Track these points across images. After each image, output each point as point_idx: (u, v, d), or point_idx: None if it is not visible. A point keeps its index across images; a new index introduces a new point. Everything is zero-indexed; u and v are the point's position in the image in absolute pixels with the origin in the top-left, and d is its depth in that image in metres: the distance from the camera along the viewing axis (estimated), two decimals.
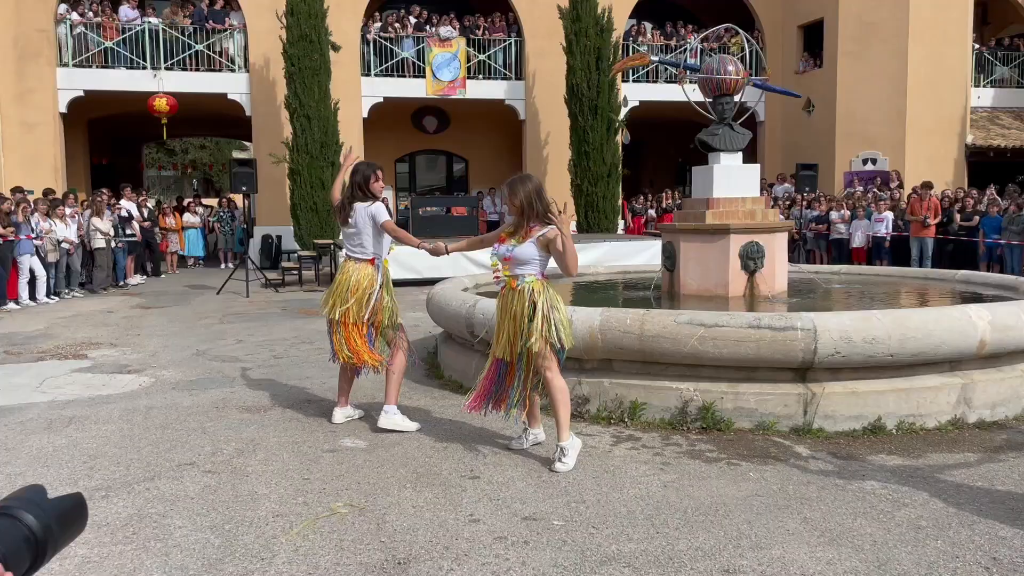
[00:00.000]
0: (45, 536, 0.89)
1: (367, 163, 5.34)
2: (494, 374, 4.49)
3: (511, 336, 4.35)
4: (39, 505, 0.90)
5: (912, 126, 18.97)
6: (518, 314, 4.32)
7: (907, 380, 5.08)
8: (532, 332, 4.24)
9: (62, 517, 0.92)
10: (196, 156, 39.25)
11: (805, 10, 20.55)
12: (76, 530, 0.94)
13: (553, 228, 4.26)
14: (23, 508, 0.89)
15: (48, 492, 0.93)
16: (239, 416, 5.56)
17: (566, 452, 4.31)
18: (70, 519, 0.93)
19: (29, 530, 0.88)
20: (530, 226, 4.35)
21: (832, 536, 3.44)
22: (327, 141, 16.99)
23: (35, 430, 5.28)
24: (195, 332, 9.51)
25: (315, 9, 16.76)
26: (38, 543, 0.88)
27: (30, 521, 0.88)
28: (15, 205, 12.28)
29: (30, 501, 0.90)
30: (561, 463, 4.28)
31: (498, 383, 4.48)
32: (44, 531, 0.89)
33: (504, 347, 4.39)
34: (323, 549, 3.38)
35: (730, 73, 7.17)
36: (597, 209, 18.57)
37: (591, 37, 18.08)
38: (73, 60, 18.02)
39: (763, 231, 6.95)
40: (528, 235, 4.34)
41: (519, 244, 4.35)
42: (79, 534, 0.96)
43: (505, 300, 4.43)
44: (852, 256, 15.54)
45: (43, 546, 0.89)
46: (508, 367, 4.43)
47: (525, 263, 4.34)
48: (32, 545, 0.88)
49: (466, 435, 4.95)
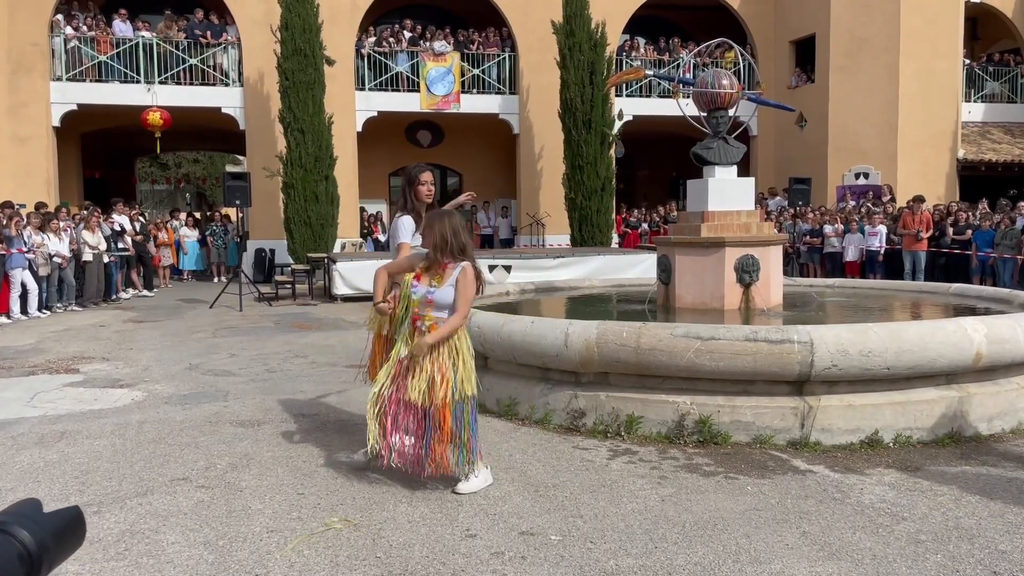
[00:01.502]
0: (40, 552, 0.86)
1: (419, 164, 4.97)
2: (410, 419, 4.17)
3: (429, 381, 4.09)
4: (34, 520, 0.88)
5: (904, 140, 19.08)
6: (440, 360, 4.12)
7: (904, 393, 5.08)
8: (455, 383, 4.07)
9: (58, 532, 0.89)
10: (189, 170, 39.18)
11: (797, 26, 20.70)
12: (73, 545, 0.92)
13: (466, 265, 4.10)
14: (17, 523, 0.86)
15: (43, 507, 0.90)
16: (232, 431, 5.51)
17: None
18: (67, 534, 0.90)
19: (23, 546, 0.85)
20: (444, 262, 4.14)
21: (831, 550, 3.41)
22: (321, 155, 16.99)
23: (26, 445, 5.23)
24: (188, 346, 9.45)
25: (309, 23, 16.80)
26: (32, 560, 0.86)
27: (24, 537, 0.86)
28: (7, 219, 12.22)
29: (25, 516, 0.88)
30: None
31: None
32: (39, 547, 0.86)
33: (423, 392, 4.08)
34: (318, 565, 3.34)
35: (724, 87, 7.20)
36: (591, 223, 18.59)
37: (585, 52, 18.17)
38: (67, 74, 18.00)
39: (758, 244, 6.95)
40: (444, 275, 4.14)
41: (439, 287, 4.12)
42: (76, 549, 0.93)
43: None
44: (845, 269, 15.59)
45: (38, 562, 0.86)
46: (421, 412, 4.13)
47: (444, 308, 4.11)
48: (27, 562, 0.85)
49: None
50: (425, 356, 4.09)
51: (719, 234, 6.95)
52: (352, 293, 14.20)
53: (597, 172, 18.41)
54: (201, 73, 18.77)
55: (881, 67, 19.01)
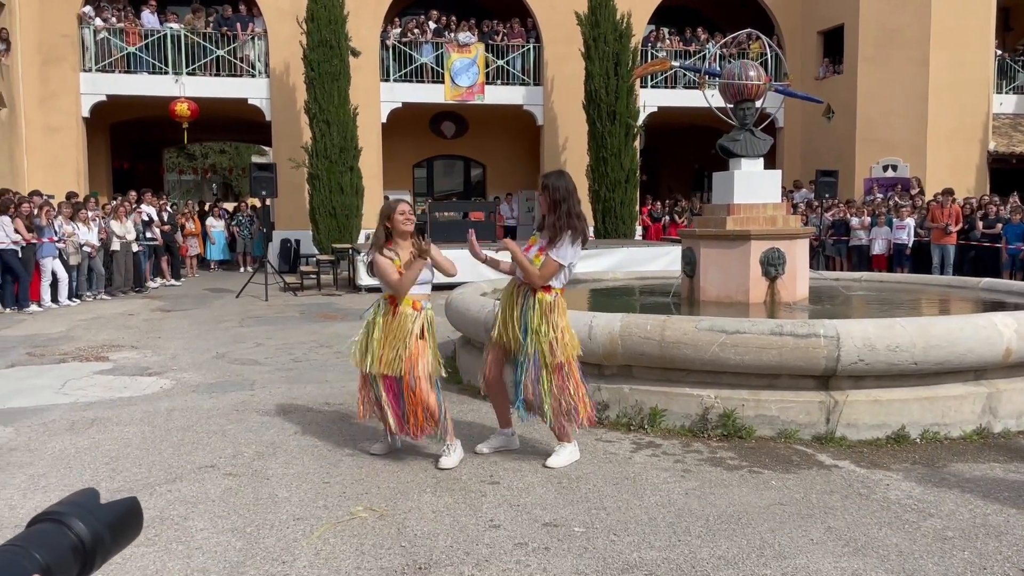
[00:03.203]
0: (94, 544, 0.84)
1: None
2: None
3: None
4: (91, 511, 0.86)
5: (933, 132, 18.81)
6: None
7: (931, 389, 5.02)
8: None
9: (114, 524, 0.87)
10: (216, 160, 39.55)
11: (825, 16, 20.44)
12: (129, 537, 0.90)
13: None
14: (74, 514, 0.85)
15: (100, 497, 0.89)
16: (259, 419, 5.58)
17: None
18: (123, 526, 0.89)
19: (78, 538, 0.84)
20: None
21: (857, 546, 3.40)
22: (346, 146, 17.06)
23: (57, 431, 5.33)
24: (215, 335, 9.56)
25: (335, 15, 16.85)
26: (86, 552, 0.84)
27: (80, 529, 0.84)
28: (38, 209, 12.41)
29: (82, 507, 0.86)
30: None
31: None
32: (94, 539, 0.84)
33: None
34: (344, 553, 3.38)
35: (752, 79, 7.14)
36: (615, 215, 18.53)
37: (610, 43, 18.07)
38: (96, 65, 18.21)
39: (784, 237, 6.90)
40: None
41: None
42: (132, 541, 0.91)
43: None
44: (872, 263, 15.42)
45: (91, 555, 0.84)
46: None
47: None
48: (81, 554, 0.84)
49: (485, 440, 4.94)
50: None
51: (745, 227, 6.91)
52: (376, 284, 14.22)
53: (621, 164, 18.33)
54: (228, 64, 18.91)
55: (911, 58, 18.73)
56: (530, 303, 4.38)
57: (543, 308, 4.35)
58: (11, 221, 11.71)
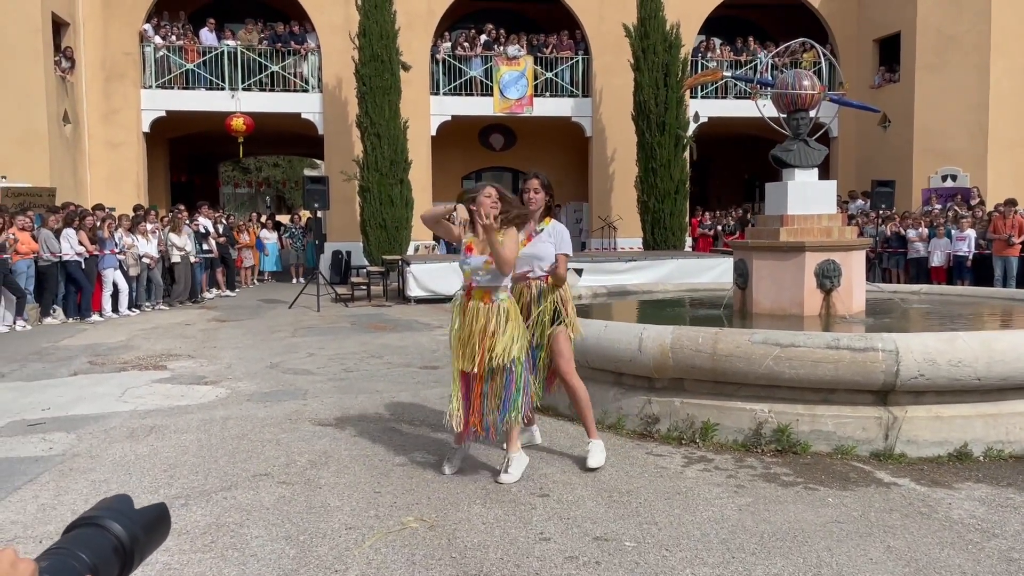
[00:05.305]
0: (132, 545, 0.91)
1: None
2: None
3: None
4: (126, 515, 0.93)
5: (994, 141, 18.30)
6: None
7: (995, 405, 4.87)
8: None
9: (147, 527, 0.95)
10: (269, 174, 40.35)
11: (881, 23, 20.07)
12: (160, 539, 0.97)
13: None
14: (111, 518, 0.92)
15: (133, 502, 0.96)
16: (311, 428, 5.65)
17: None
18: (155, 528, 0.96)
19: (117, 539, 0.90)
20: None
21: (918, 567, 3.30)
22: (396, 159, 17.27)
23: (118, 438, 5.46)
24: (268, 345, 9.73)
25: (386, 30, 17.10)
26: (126, 552, 0.91)
27: (118, 531, 0.91)
28: (100, 221, 12.80)
29: (117, 511, 0.93)
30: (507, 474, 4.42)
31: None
32: (131, 540, 0.91)
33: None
34: (395, 563, 3.39)
35: (806, 88, 7.04)
36: (664, 226, 18.40)
37: (659, 54, 18.00)
38: (156, 81, 18.76)
39: (840, 249, 6.77)
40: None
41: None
42: (163, 542, 0.99)
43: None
44: (931, 275, 15.03)
45: (130, 555, 0.91)
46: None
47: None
48: (121, 554, 0.90)
49: (533, 452, 4.93)
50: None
51: (799, 238, 6.79)
52: (425, 295, 14.38)
53: (671, 175, 18.21)
54: (282, 79, 19.31)
55: (971, 65, 18.28)
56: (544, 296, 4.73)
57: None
58: (76, 233, 12.11)
